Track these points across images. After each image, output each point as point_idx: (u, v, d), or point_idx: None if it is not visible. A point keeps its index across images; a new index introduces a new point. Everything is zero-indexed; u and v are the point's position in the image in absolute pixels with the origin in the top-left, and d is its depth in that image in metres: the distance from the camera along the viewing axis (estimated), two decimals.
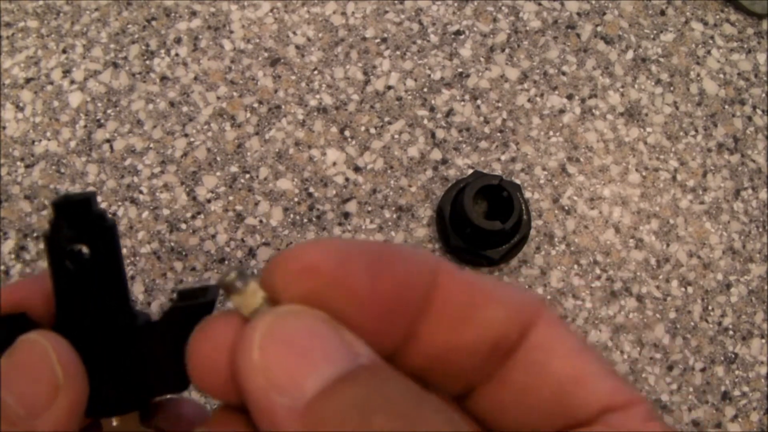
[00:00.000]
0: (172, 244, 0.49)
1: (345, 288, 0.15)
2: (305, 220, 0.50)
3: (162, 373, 0.21)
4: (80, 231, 0.20)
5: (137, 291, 0.48)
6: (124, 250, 0.49)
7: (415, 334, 0.16)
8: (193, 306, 0.21)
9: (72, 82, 0.52)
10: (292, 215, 0.50)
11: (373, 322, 0.16)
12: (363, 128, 0.51)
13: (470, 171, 0.50)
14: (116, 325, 0.21)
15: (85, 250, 0.20)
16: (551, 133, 0.52)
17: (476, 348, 0.17)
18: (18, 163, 0.50)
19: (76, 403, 0.19)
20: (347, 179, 0.50)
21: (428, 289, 0.16)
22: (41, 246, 0.49)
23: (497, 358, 0.17)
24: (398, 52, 0.53)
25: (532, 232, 0.50)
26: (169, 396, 0.22)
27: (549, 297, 0.49)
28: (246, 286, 0.17)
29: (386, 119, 0.51)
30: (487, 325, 0.16)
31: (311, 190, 0.50)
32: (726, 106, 0.53)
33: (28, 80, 0.52)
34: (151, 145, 0.51)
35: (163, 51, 0.52)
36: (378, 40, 0.53)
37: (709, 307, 0.50)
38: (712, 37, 0.54)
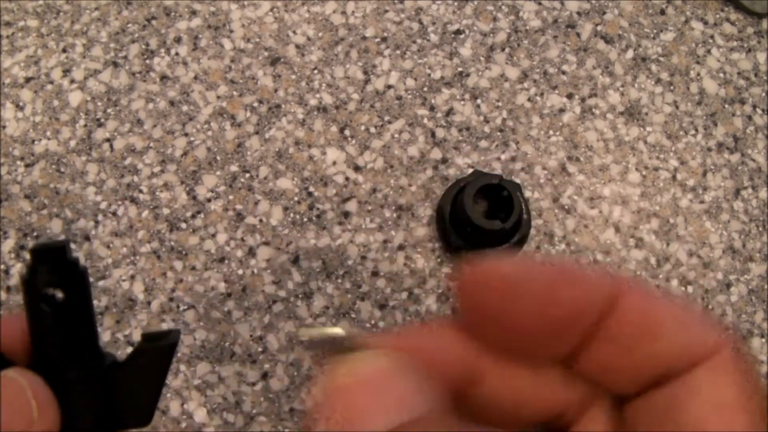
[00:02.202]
0: (172, 243, 0.49)
1: (523, 300, 0.17)
2: (305, 220, 0.50)
3: (128, 409, 0.23)
4: (56, 276, 0.22)
5: (137, 290, 0.48)
6: (124, 249, 0.49)
7: (586, 348, 0.17)
8: (156, 348, 0.23)
9: (72, 81, 0.52)
10: (292, 214, 0.50)
11: (542, 334, 0.17)
12: (363, 127, 0.51)
13: (470, 170, 0.50)
14: (86, 363, 0.23)
15: (59, 294, 0.22)
16: (551, 132, 0.52)
17: (639, 374, 0.17)
18: (18, 162, 0.50)
19: None
20: (347, 178, 0.50)
21: (604, 312, 0.17)
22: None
23: (655, 386, 0.17)
24: (398, 52, 0.53)
25: (532, 231, 0.50)
26: (134, 430, 0.24)
27: None
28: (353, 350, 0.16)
29: (386, 118, 0.51)
30: (655, 357, 0.17)
31: (311, 189, 0.50)
32: (726, 106, 0.53)
33: (28, 79, 0.52)
34: (151, 145, 0.51)
35: (163, 50, 0.52)
36: (378, 40, 0.53)
37: (709, 307, 0.50)
38: (712, 37, 0.54)
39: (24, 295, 0.22)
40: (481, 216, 0.46)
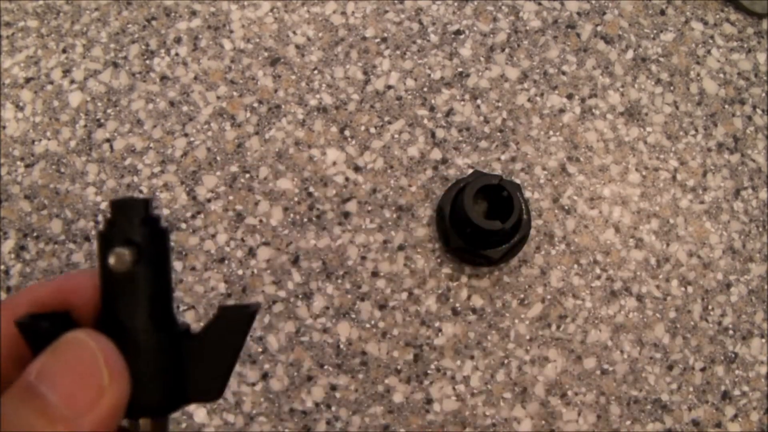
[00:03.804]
0: (172, 243, 0.49)
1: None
2: (305, 220, 0.50)
3: (199, 382, 0.21)
4: (134, 232, 0.20)
5: None
6: None
7: None
8: (234, 317, 0.21)
9: (72, 81, 0.52)
10: (292, 215, 0.50)
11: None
12: (363, 128, 0.51)
13: (470, 170, 0.50)
14: (158, 329, 0.21)
15: (133, 252, 0.20)
16: (551, 132, 0.52)
17: None
18: (18, 162, 0.50)
19: (120, 404, 0.19)
20: (347, 179, 0.50)
21: None
22: (41, 245, 0.49)
23: None
24: (398, 52, 0.53)
25: (532, 231, 0.50)
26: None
27: (549, 296, 0.49)
28: None
29: (386, 119, 0.51)
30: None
31: (311, 189, 0.50)
32: (726, 106, 0.53)
33: (28, 80, 0.52)
34: (151, 145, 0.51)
35: (163, 51, 0.52)
36: (378, 40, 0.53)
37: (709, 307, 0.50)
38: (712, 37, 0.54)
39: (99, 251, 0.20)
40: (481, 216, 0.46)
